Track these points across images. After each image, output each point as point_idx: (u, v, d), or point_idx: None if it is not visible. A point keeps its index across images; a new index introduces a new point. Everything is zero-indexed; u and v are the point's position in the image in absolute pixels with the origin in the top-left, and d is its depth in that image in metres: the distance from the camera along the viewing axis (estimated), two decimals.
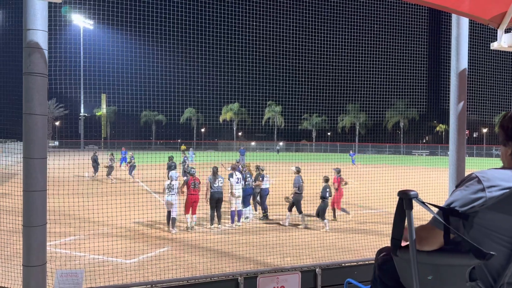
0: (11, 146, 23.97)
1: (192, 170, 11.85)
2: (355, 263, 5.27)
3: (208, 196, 11.60)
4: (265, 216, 12.66)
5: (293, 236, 10.19)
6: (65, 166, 9.01)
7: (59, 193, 8.22)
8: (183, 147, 31.78)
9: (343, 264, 5.27)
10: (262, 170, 13.34)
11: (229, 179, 12.04)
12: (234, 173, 12.13)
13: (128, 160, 24.24)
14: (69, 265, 7.57)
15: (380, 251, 2.51)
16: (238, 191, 11.96)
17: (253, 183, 12.81)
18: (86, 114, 64.00)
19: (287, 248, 8.84)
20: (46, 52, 3.53)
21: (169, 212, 11.32)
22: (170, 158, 20.41)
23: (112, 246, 7.89)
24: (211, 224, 11.58)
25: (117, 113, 77.88)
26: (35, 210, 3.52)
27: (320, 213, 11.61)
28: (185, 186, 11.71)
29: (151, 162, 17.86)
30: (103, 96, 58.39)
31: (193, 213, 11.50)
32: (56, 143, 54.39)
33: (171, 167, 19.51)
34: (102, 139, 67.46)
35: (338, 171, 13.20)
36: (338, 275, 5.02)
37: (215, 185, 11.58)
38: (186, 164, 22.26)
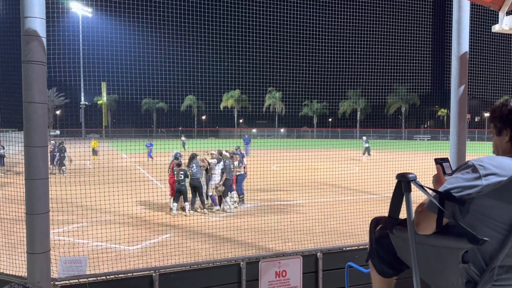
0: (12, 135, 23.94)
1: (178, 154, 12.20)
2: (356, 247, 5.30)
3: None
4: (242, 201, 12.72)
5: (294, 221, 10.25)
6: (66, 155, 9.02)
7: (61, 181, 8.25)
8: (94, 144, 28.63)
9: (344, 249, 5.31)
10: (231, 157, 12.86)
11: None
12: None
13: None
14: (72, 252, 7.64)
15: (376, 222, 2.53)
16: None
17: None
18: (86, 103, 63.91)
19: (289, 233, 8.89)
20: (44, 40, 3.51)
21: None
22: (61, 142, 20.68)
23: (115, 233, 7.96)
24: (192, 208, 11.81)
25: (118, 101, 77.76)
26: (38, 198, 3.55)
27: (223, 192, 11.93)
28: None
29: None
30: (103, 84, 58.20)
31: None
32: (58, 132, 54.33)
33: (61, 150, 19.83)
34: (103, 127, 67.42)
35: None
36: (339, 259, 5.06)
37: (193, 170, 11.80)
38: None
